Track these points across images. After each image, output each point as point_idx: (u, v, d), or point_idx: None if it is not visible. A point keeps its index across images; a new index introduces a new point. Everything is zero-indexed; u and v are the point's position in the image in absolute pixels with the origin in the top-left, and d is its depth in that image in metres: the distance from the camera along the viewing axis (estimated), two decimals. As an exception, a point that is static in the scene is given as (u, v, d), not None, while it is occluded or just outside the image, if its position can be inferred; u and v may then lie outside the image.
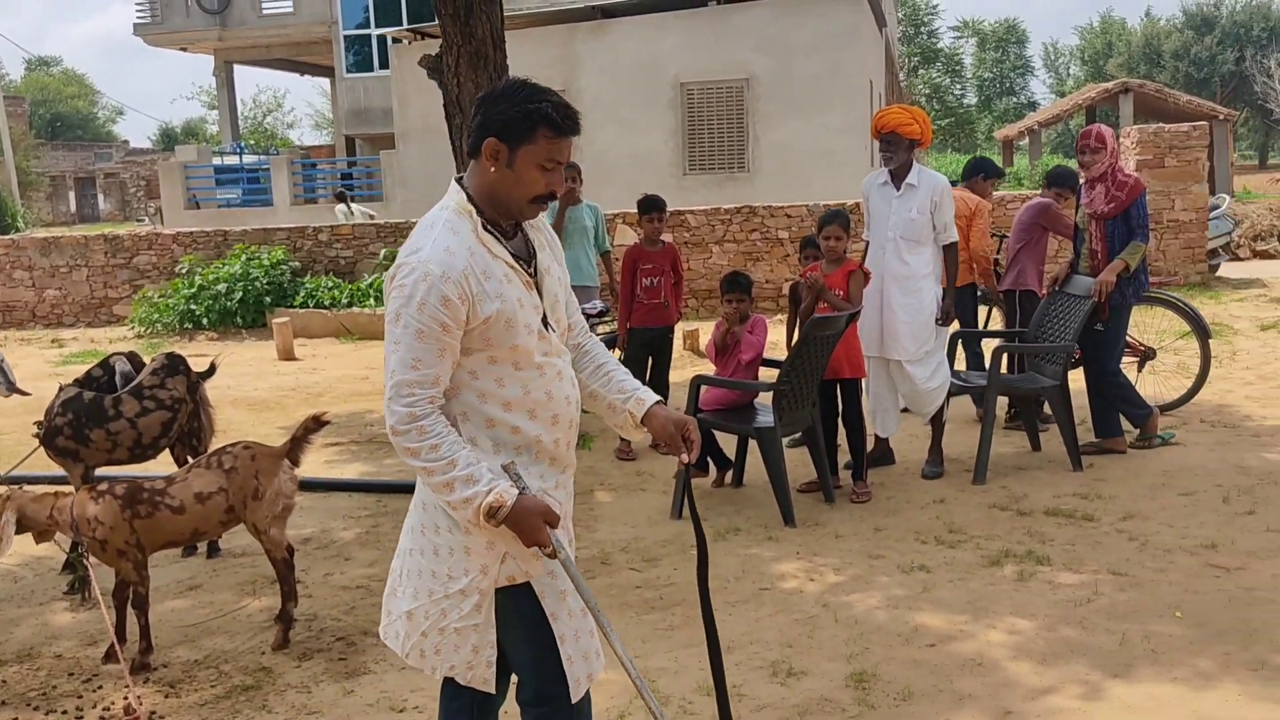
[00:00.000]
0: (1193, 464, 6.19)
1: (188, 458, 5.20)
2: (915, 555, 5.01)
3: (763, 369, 6.11)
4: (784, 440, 6.08)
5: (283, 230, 14.36)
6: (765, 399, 5.84)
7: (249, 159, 25.69)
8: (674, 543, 5.32)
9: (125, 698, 3.81)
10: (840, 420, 6.10)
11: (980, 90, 58.29)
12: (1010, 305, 7.37)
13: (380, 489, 6.52)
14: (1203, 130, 12.47)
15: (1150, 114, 27.57)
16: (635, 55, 17.61)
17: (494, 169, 2.50)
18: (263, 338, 12.63)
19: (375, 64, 25.32)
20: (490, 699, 2.75)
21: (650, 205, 6.96)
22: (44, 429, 4.94)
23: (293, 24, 27.03)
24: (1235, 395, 7.82)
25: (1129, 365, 7.41)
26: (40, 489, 4.37)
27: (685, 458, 2.63)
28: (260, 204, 22.22)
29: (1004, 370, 6.72)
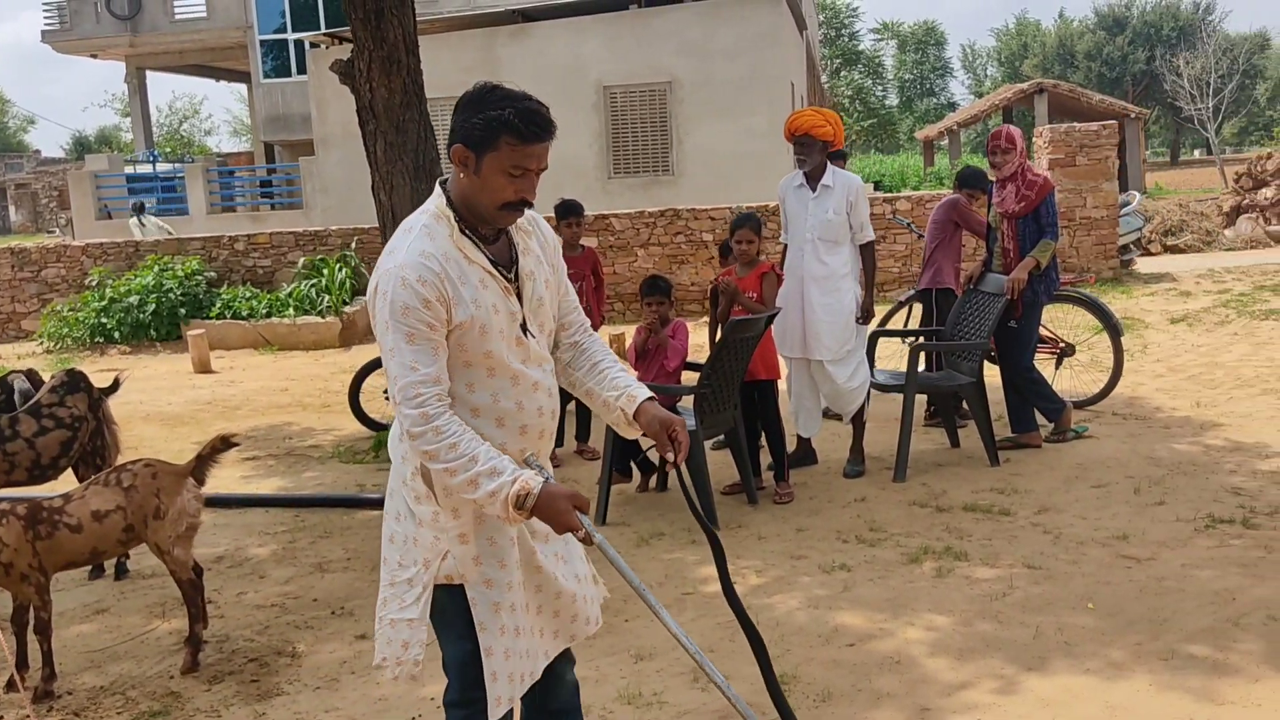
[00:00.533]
0: (1105, 456, 6.32)
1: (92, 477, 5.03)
2: (837, 555, 5.04)
3: (685, 372, 6.11)
4: (708, 443, 6.08)
5: (197, 240, 14.03)
6: (687, 402, 5.83)
7: (163, 167, 25.07)
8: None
9: (24, 729, 3.67)
10: (759, 423, 6.12)
11: (902, 91, 59.24)
12: (927, 304, 7.47)
13: (297, 503, 6.38)
14: (1112, 129, 12.77)
15: (1065, 113, 28.25)
16: (557, 59, 17.56)
17: (464, 176, 2.51)
18: (178, 350, 12.32)
19: (293, 69, 24.92)
20: None
21: (567, 210, 6.92)
22: (-64, 451, 4.74)
23: (206, 29, 26.48)
24: (1146, 388, 8.00)
25: (1047, 361, 7.56)
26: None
27: (671, 457, 2.63)
28: (175, 213, 21.71)
29: (923, 369, 6.80)
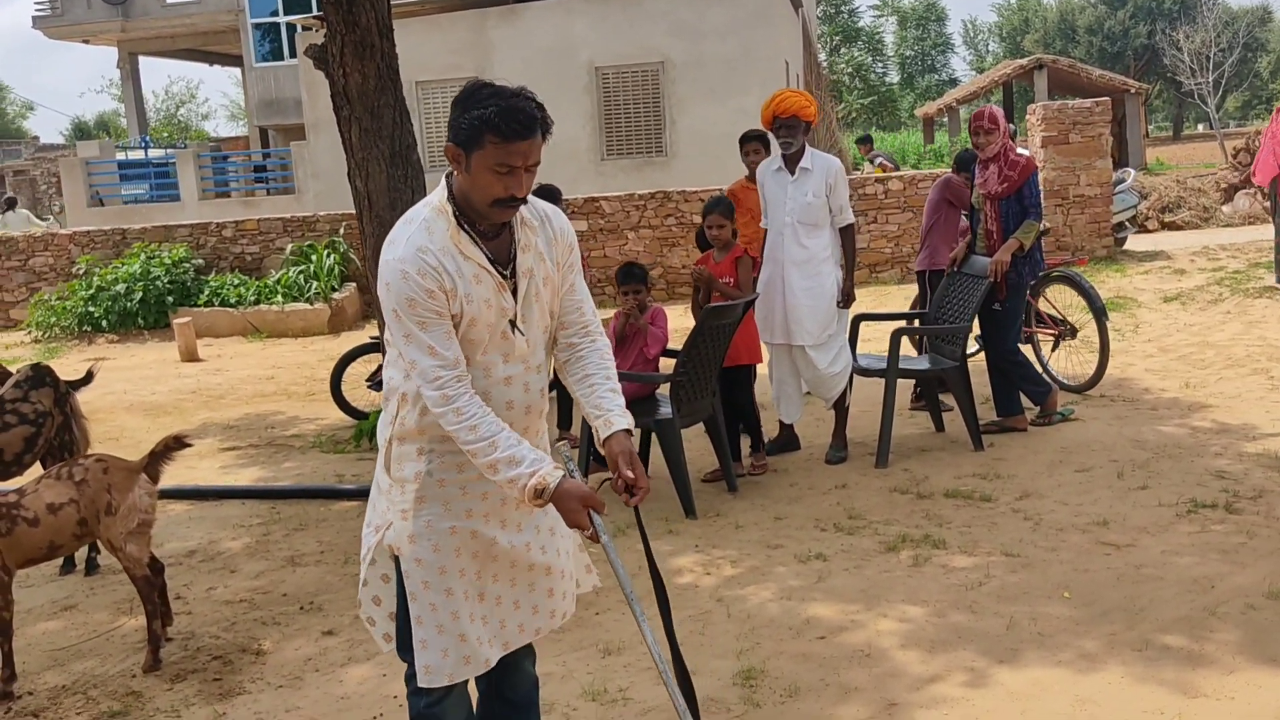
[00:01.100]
0: (1090, 439, 6.24)
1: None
2: (814, 544, 4.97)
3: (664, 359, 6.04)
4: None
5: (185, 227, 13.93)
6: (667, 390, 5.77)
7: (156, 153, 24.94)
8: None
9: (-20, 732, 3.61)
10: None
11: (902, 68, 58.84)
12: (923, 285, 7.38)
13: (273, 495, 6.32)
14: (1106, 105, 12.63)
15: (1065, 89, 28.03)
16: (548, 40, 17.39)
17: (457, 173, 2.55)
18: (166, 339, 12.26)
19: (286, 53, 24.73)
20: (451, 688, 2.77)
21: (546, 195, 6.81)
22: (-100, 448, 4.69)
23: (198, 13, 26.27)
24: (1136, 368, 7.92)
25: (1047, 343, 7.48)
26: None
27: (627, 499, 2.66)
28: (169, 199, 21.60)
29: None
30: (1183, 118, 56.51)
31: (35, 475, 4.28)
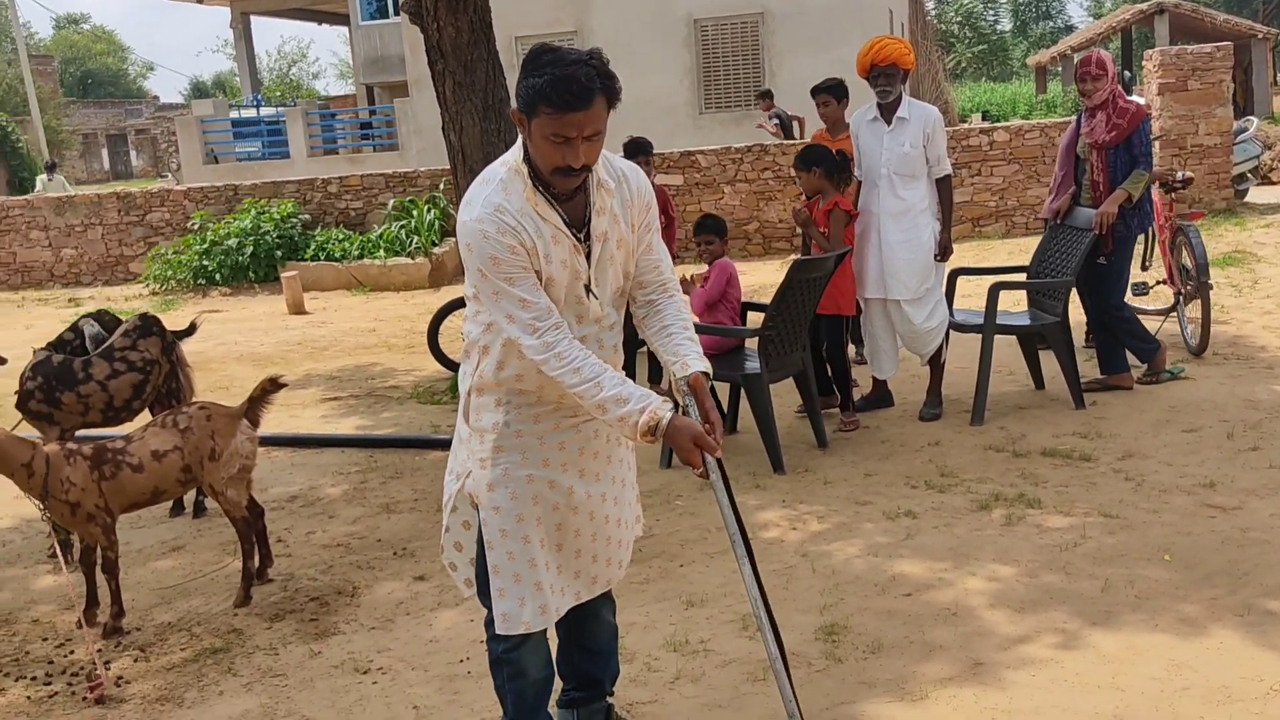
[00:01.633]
0: (1200, 399, 6.00)
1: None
2: (903, 501, 4.90)
3: (750, 313, 5.99)
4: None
5: (292, 183, 14.26)
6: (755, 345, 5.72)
7: (268, 111, 25.55)
8: (659, 493, 5.22)
9: (93, 664, 3.80)
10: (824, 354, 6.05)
11: (1016, 15, 56.80)
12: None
13: (370, 444, 6.48)
14: (1227, 50, 11.99)
15: (1187, 34, 26.71)
16: (647, -8, 17.25)
17: (524, 137, 2.55)
18: (275, 292, 12.61)
19: (391, 10, 24.99)
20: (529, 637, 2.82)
21: (636, 149, 6.80)
22: (16, 394, 4.92)
23: (307, -28, 26.74)
24: (1253, 325, 7.57)
25: (1170, 299, 7.18)
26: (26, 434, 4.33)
27: (698, 462, 2.63)
28: (279, 157, 22.14)
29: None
30: (1317, 63, 53.44)
31: (143, 422, 4.46)
